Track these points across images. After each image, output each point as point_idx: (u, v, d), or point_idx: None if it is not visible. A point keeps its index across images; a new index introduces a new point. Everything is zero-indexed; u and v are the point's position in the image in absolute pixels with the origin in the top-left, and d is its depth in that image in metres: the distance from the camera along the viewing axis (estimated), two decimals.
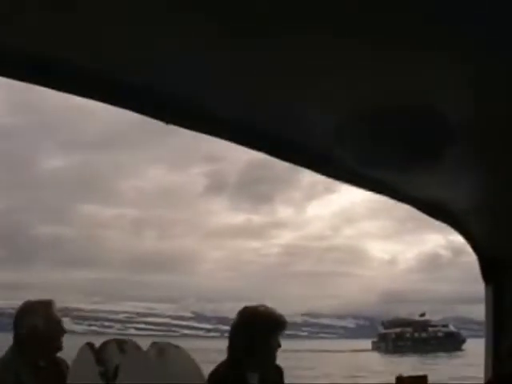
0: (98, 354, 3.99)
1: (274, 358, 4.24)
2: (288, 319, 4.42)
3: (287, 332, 4.61)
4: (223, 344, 4.35)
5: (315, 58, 2.33)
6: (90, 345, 4.04)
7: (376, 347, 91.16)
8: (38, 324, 4.10)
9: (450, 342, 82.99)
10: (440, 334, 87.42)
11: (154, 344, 4.09)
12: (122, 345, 4.02)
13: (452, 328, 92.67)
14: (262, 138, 3.13)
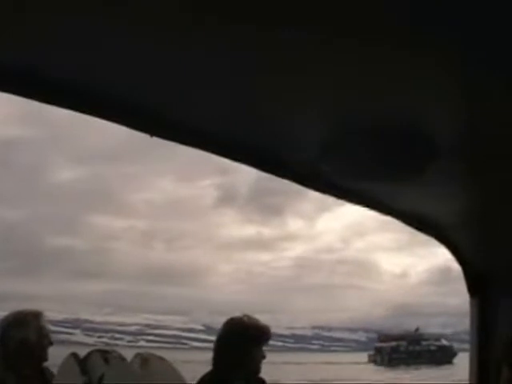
0: (83, 364, 4.05)
1: (258, 369, 4.27)
2: (299, 332, 4.48)
3: (299, 345, 4.63)
4: None
5: (303, 74, 2.38)
6: (74, 355, 4.08)
7: (372, 360, 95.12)
8: (29, 336, 4.12)
9: (442, 355, 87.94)
10: (433, 348, 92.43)
11: (137, 354, 4.14)
12: (106, 355, 4.07)
13: (444, 342, 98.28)
14: (251, 153, 3.17)
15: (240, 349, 4.17)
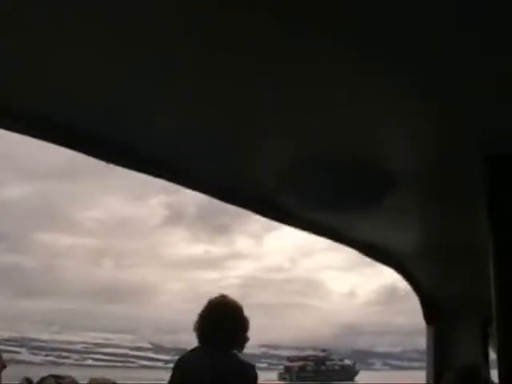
0: None
1: None
2: (247, 351, 4.56)
3: None
4: None
5: (263, 105, 2.40)
6: (27, 380, 4.06)
7: (282, 378, 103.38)
8: None
9: (345, 374, 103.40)
10: (336, 367, 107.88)
11: (92, 380, 4.12)
12: (59, 380, 4.04)
13: (347, 362, 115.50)
14: (208, 182, 3.19)
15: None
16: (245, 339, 4.58)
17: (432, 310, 5.13)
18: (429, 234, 4.11)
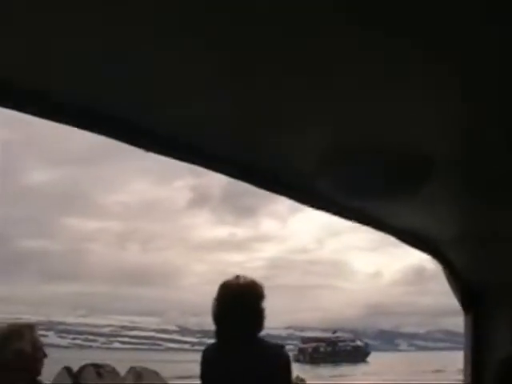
0: (76, 378, 4.01)
1: None
2: (273, 332, 4.49)
3: None
4: None
5: (302, 91, 2.34)
6: (67, 369, 4.05)
7: (296, 359, 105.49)
8: (26, 349, 4.09)
9: (357, 355, 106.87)
10: (348, 348, 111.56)
11: (131, 369, 4.11)
12: (98, 369, 4.03)
13: (359, 343, 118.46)
14: (247, 169, 3.13)
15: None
16: (262, 319, 4.45)
17: (470, 297, 5.02)
18: (469, 220, 4.02)
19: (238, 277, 4.43)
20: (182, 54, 2.05)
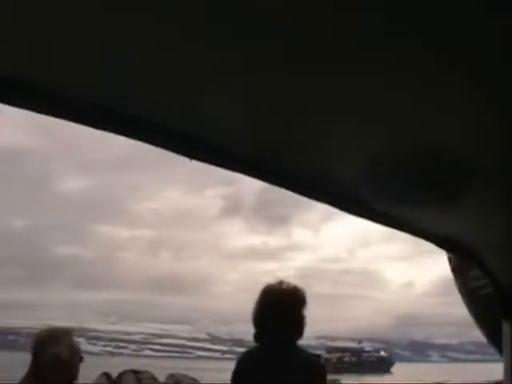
0: (115, 383, 4.00)
1: None
2: (304, 342, 4.41)
3: None
4: None
5: (342, 98, 2.30)
6: (106, 375, 4.05)
7: None
8: (61, 353, 4.08)
9: (381, 365, 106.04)
10: (372, 359, 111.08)
11: (171, 376, 4.10)
12: (138, 375, 4.03)
13: (383, 353, 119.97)
14: (289, 176, 3.10)
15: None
16: (303, 326, 4.40)
17: (510, 304, 4.94)
18: (509, 227, 3.95)
19: (280, 282, 4.38)
20: (208, 52, 2.03)
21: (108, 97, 2.31)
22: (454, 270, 12.55)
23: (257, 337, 4.27)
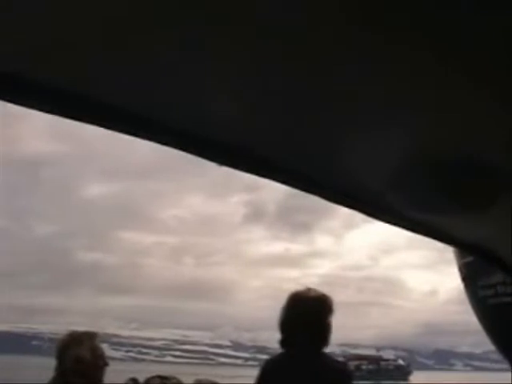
0: None
1: None
2: (326, 349, 4.38)
3: None
4: None
5: (368, 105, 2.27)
6: (134, 380, 4.01)
7: None
8: (85, 356, 4.07)
9: (398, 374, 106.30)
10: (390, 367, 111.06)
11: (196, 381, 4.07)
12: (165, 381, 3.99)
13: (401, 362, 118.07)
14: (319, 183, 3.08)
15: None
16: (329, 334, 4.38)
17: None
18: None
19: (309, 289, 4.39)
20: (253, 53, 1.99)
21: (114, 94, 2.28)
22: (464, 279, 12.55)
23: (283, 342, 4.25)
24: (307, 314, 4.17)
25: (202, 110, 2.50)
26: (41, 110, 2.33)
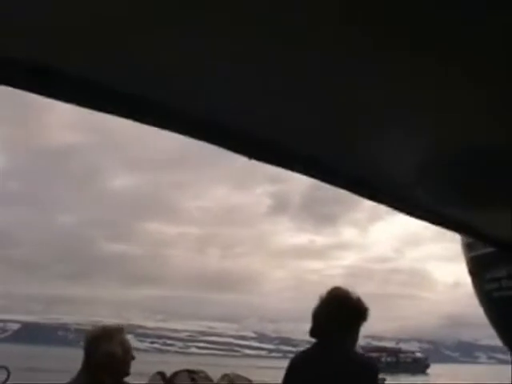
0: (170, 382, 4.01)
1: None
2: None
3: None
4: (285, 364, 4.34)
5: (396, 99, 2.29)
6: (161, 374, 4.05)
7: None
8: (115, 351, 4.10)
9: (417, 366, 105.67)
10: (408, 360, 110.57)
11: (224, 376, 4.10)
12: (193, 375, 4.03)
13: (419, 355, 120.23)
14: (348, 178, 3.10)
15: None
16: (357, 338, 4.40)
17: None
18: None
19: (349, 291, 4.43)
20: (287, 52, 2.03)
21: (140, 86, 2.30)
22: (471, 272, 12.55)
23: (313, 331, 4.27)
24: (349, 310, 4.19)
25: (230, 102, 2.53)
26: (69, 102, 2.37)
